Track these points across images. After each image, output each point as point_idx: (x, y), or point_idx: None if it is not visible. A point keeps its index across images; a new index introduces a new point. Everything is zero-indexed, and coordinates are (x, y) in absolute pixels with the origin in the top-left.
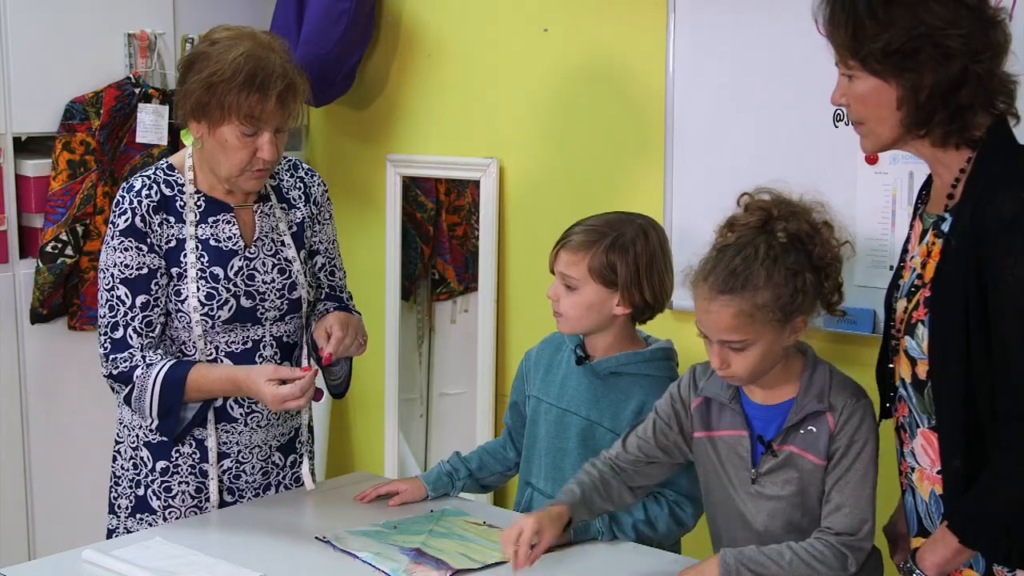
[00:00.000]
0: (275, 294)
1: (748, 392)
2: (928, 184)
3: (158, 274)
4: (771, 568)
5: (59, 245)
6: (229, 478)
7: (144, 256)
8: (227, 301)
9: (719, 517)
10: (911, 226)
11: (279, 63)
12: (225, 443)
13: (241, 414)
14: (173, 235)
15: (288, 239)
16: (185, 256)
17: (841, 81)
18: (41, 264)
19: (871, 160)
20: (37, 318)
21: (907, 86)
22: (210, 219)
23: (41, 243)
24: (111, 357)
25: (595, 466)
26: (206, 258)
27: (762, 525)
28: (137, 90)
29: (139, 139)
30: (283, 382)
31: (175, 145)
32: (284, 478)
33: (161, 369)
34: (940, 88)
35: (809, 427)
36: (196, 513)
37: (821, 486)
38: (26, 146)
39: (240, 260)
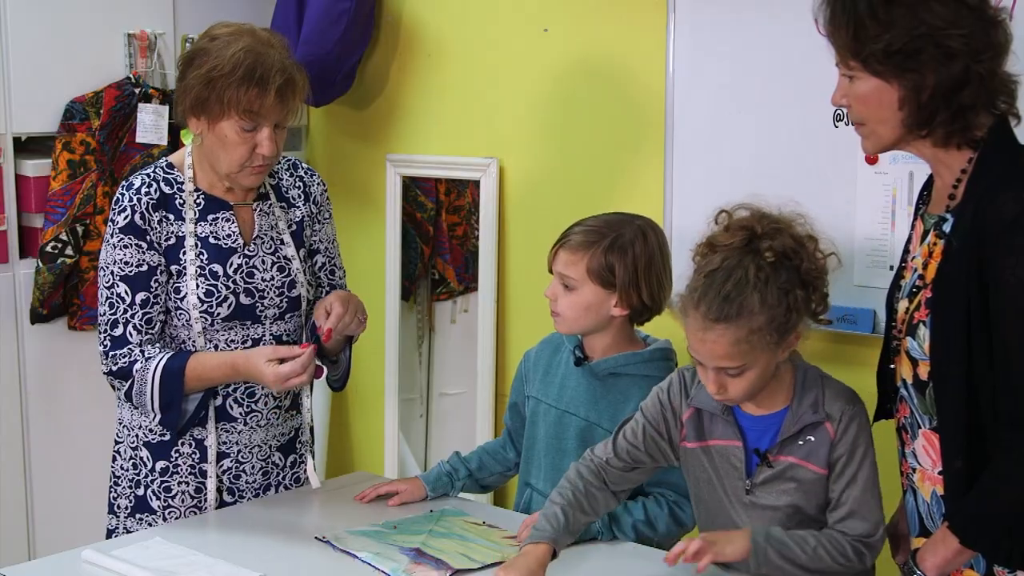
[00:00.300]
0: (274, 292)
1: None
2: (929, 184)
3: (158, 271)
4: (796, 553)
5: (59, 245)
6: (229, 478)
7: (144, 253)
8: (226, 299)
9: (710, 526)
10: (912, 227)
11: (278, 58)
12: (225, 443)
13: (241, 413)
14: (172, 233)
15: (287, 237)
16: (184, 254)
17: (842, 82)
18: (41, 264)
19: (871, 160)
20: (37, 318)
21: (908, 86)
22: (209, 217)
23: (41, 243)
24: (111, 354)
25: (582, 476)
26: (205, 256)
27: None
28: (137, 90)
29: (139, 139)
30: (282, 362)
31: (175, 145)
32: (284, 478)
33: (160, 361)
34: (942, 88)
35: (808, 437)
36: (196, 513)
37: (822, 495)
38: (26, 146)
39: (239, 258)
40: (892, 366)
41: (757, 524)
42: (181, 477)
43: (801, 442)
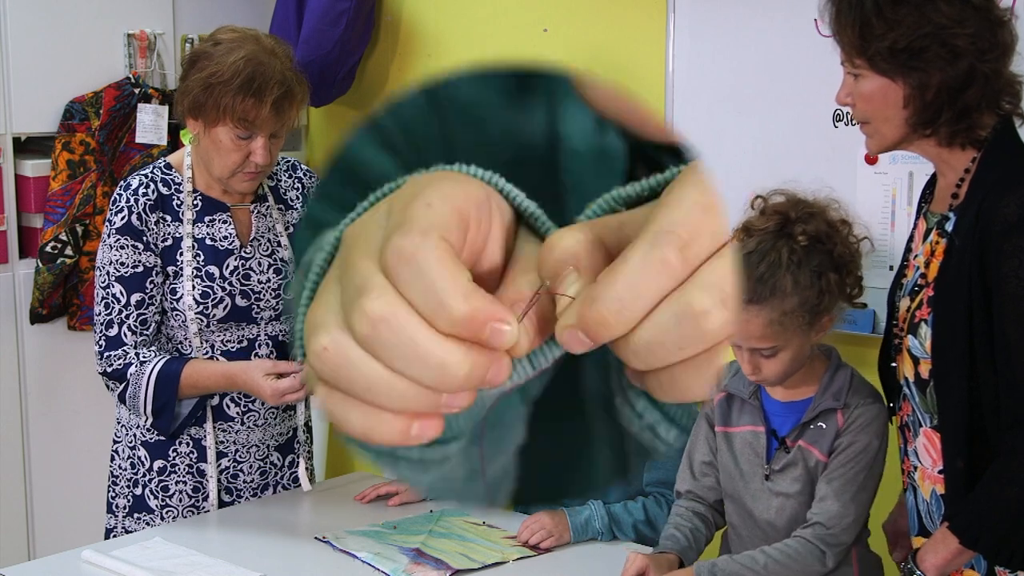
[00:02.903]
0: (270, 294)
1: (769, 390)
2: (932, 183)
3: (154, 272)
4: (747, 575)
5: (59, 245)
6: (227, 478)
7: (140, 254)
8: (222, 300)
9: (732, 517)
10: (915, 225)
11: (279, 69)
12: (222, 442)
13: (238, 413)
14: (170, 233)
15: (285, 239)
16: (181, 255)
17: (847, 80)
18: (41, 264)
19: (871, 160)
20: (37, 318)
21: (914, 85)
22: (207, 218)
23: (41, 243)
24: (105, 354)
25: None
26: (202, 257)
27: (768, 520)
28: (137, 90)
29: (139, 139)
30: (280, 377)
31: (175, 145)
32: (282, 478)
33: (155, 365)
34: (947, 87)
35: (819, 423)
36: (194, 513)
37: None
38: (26, 146)
39: (236, 259)
40: (894, 364)
41: (771, 512)
42: (179, 477)
43: (813, 427)
